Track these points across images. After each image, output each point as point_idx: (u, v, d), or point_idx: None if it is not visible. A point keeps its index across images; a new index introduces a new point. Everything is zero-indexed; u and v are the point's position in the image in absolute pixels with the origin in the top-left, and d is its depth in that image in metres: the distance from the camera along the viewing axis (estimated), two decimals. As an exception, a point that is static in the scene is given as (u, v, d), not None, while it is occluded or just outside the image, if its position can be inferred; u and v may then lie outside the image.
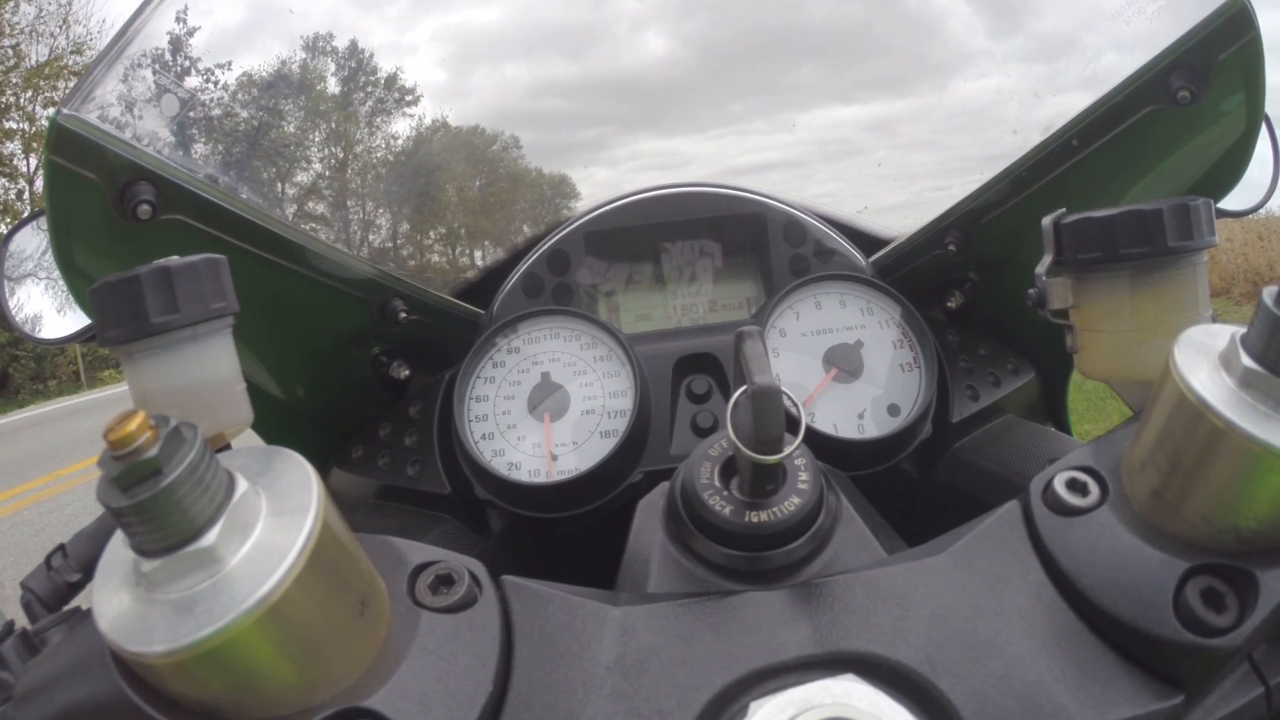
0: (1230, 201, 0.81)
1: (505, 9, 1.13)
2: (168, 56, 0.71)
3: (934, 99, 1.08)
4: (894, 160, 1.07)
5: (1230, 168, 0.71)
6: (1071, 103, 0.69)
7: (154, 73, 0.68)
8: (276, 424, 0.81)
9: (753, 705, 0.33)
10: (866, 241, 0.91)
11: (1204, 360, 0.36)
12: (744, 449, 0.38)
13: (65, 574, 0.52)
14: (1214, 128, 0.68)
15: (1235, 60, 0.63)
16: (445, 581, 0.37)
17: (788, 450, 0.38)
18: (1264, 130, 0.89)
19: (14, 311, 0.92)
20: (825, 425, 0.71)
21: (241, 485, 0.30)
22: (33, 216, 0.95)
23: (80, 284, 0.60)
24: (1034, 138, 0.73)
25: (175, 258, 0.49)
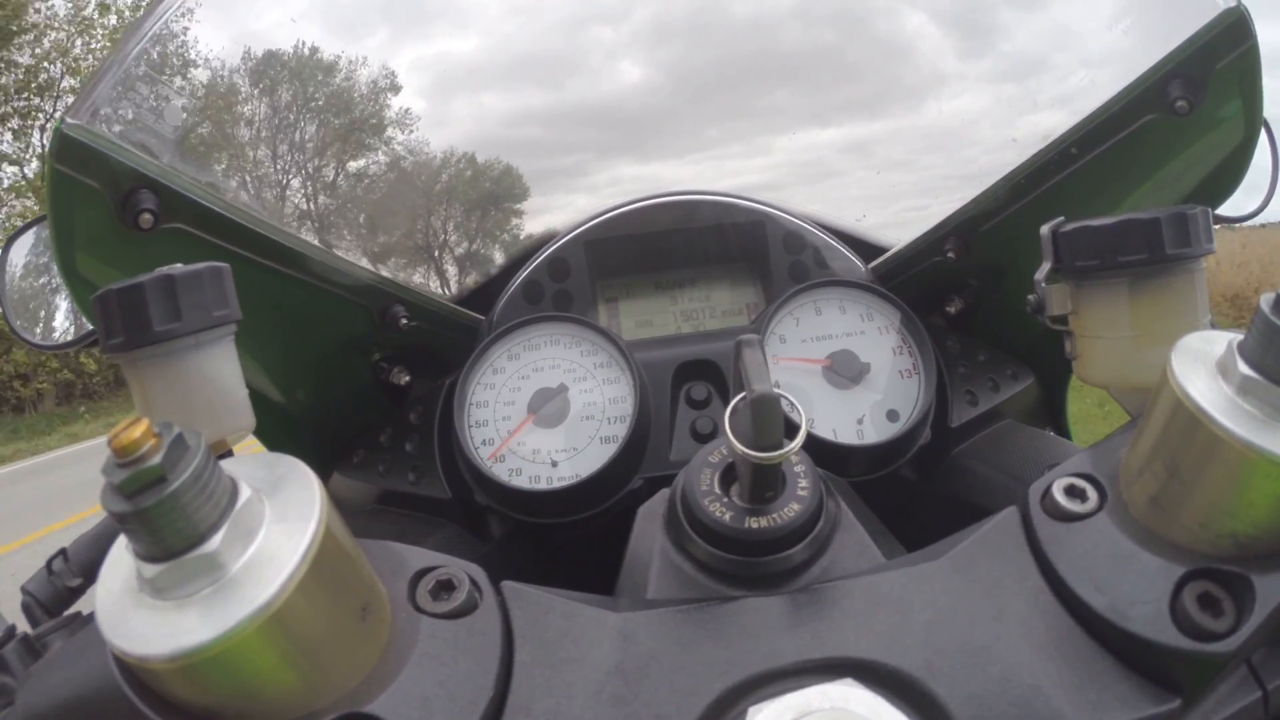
0: (1229, 208, 0.81)
1: (482, 39, 1.14)
2: (172, 64, 0.72)
3: (908, 120, 1.09)
4: (871, 181, 1.08)
5: (1229, 174, 0.72)
6: (1042, 122, 0.70)
7: (158, 81, 0.68)
8: (278, 430, 0.81)
9: (751, 710, 0.33)
10: (865, 248, 0.91)
11: (1201, 367, 0.36)
12: (742, 449, 0.38)
13: (66, 578, 0.52)
14: (1212, 135, 0.68)
15: (1233, 69, 0.63)
16: (446, 587, 0.37)
17: (787, 449, 0.39)
18: (1263, 136, 0.89)
19: (15, 316, 0.93)
20: (825, 431, 0.72)
21: (244, 492, 0.31)
22: (35, 222, 0.95)
23: (82, 290, 0.60)
24: (1032, 146, 0.73)
25: (178, 265, 0.49)
